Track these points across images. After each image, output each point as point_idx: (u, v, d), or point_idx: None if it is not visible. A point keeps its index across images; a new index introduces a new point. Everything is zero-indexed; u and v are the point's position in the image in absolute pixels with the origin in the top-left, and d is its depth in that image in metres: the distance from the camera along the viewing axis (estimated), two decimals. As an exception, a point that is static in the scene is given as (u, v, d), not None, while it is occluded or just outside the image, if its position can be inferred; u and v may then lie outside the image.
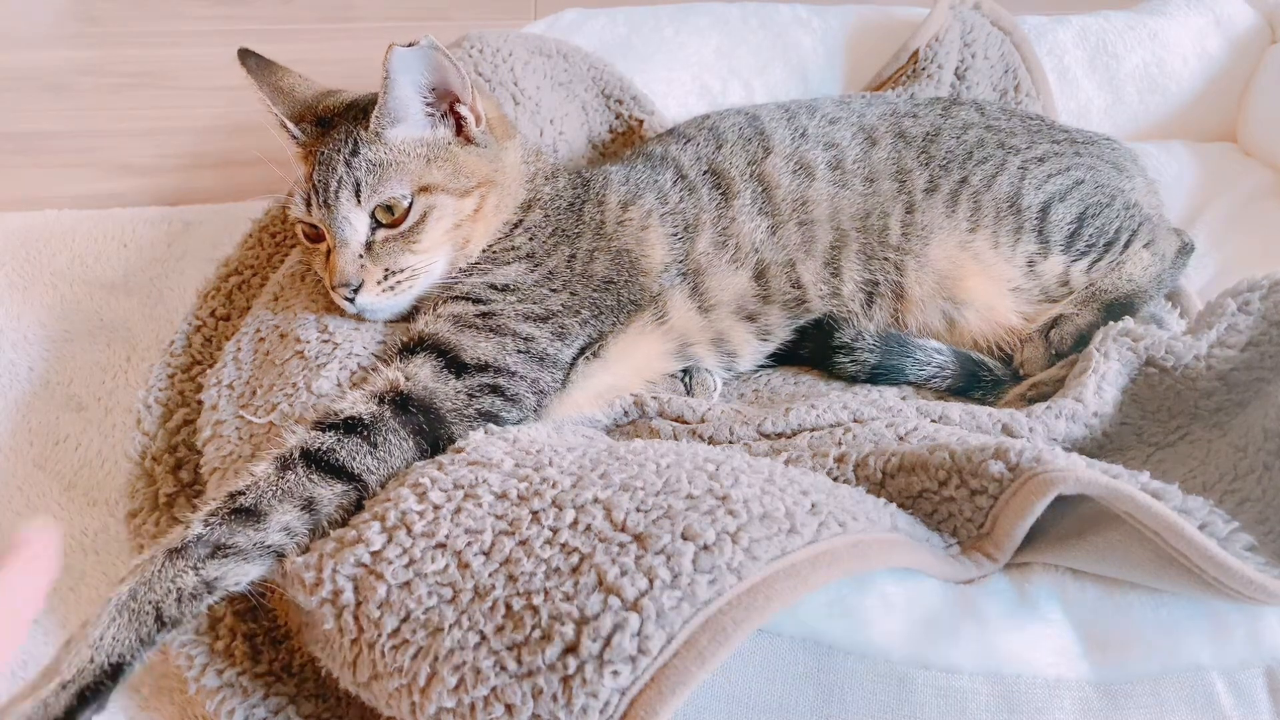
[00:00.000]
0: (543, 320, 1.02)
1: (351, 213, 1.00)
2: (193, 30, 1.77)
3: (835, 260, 1.18)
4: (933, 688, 0.70)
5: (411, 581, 0.71)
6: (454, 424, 0.91)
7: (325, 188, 1.00)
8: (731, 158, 1.20)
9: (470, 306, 1.01)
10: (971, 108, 1.29)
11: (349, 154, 1.00)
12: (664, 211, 1.15)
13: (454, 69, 1.01)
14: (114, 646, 0.73)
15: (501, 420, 0.94)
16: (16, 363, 1.30)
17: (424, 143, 1.03)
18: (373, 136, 1.01)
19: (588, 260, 1.09)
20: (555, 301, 1.04)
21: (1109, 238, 1.19)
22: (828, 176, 1.20)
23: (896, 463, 0.84)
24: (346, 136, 1.01)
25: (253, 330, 1.05)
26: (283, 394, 0.93)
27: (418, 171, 1.01)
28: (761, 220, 1.17)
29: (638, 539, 0.69)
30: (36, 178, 1.75)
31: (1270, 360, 0.93)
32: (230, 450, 0.90)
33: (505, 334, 0.99)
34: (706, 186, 1.18)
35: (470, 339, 0.97)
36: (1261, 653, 0.72)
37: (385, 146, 1.01)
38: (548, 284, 1.05)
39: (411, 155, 1.02)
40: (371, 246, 1.01)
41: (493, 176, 1.07)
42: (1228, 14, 1.73)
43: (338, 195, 0.99)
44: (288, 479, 0.82)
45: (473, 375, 0.94)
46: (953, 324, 1.19)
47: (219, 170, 1.77)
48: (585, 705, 0.63)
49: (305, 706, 0.84)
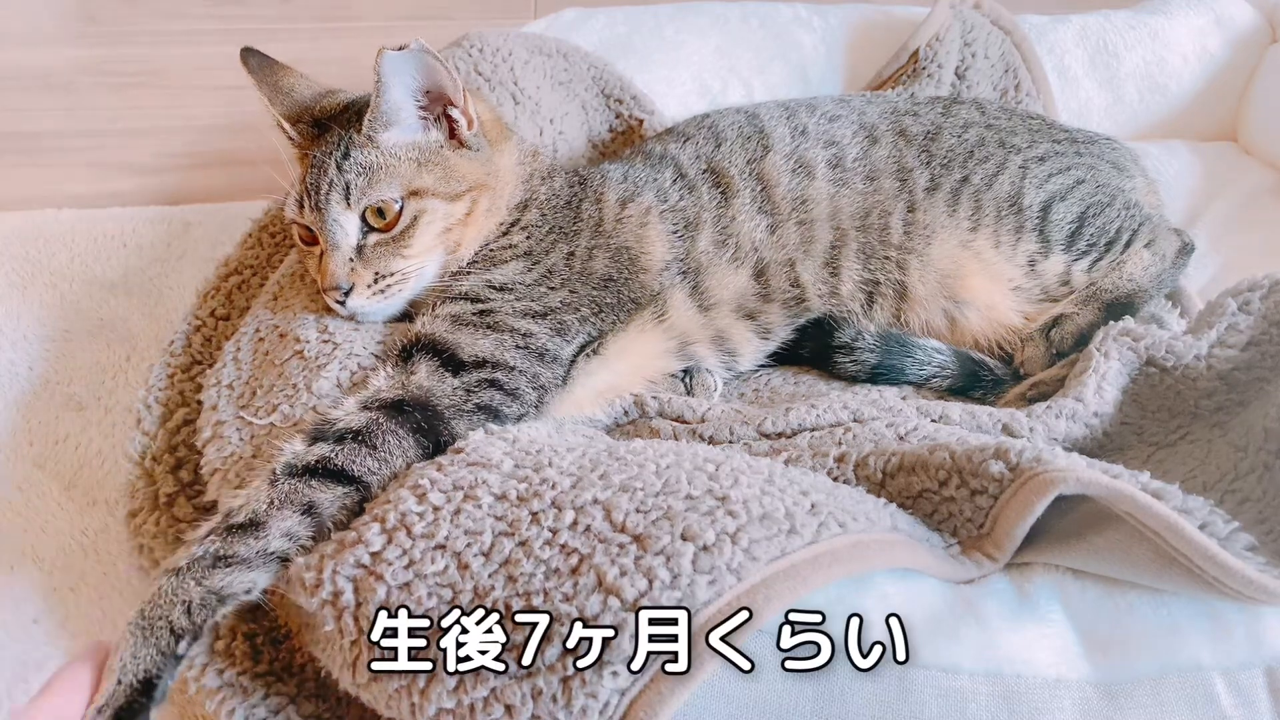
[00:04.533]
0: (541, 316, 1.02)
1: (342, 216, 1.00)
2: (193, 30, 1.77)
3: (835, 260, 1.18)
4: (933, 688, 0.70)
5: (411, 583, 0.71)
6: (454, 420, 0.90)
7: (317, 190, 1.00)
8: (731, 156, 1.20)
9: (468, 305, 1.01)
10: (972, 106, 1.29)
11: (340, 157, 1.00)
12: (663, 209, 1.15)
13: (445, 72, 1.01)
14: (137, 664, 0.74)
15: (502, 416, 0.94)
16: (16, 362, 1.30)
17: (415, 146, 1.03)
18: (365, 140, 1.01)
19: (587, 258, 1.09)
20: (554, 299, 1.04)
21: (1110, 237, 1.19)
22: (827, 175, 1.19)
23: (897, 463, 0.84)
24: (339, 139, 1.01)
25: (252, 330, 1.05)
26: (283, 395, 0.93)
27: (408, 175, 1.01)
28: (761, 219, 1.17)
29: (637, 540, 0.69)
30: (36, 178, 1.75)
31: (1271, 360, 0.93)
32: (231, 451, 0.90)
33: (503, 330, 0.98)
34: (706, 185, 1.18)
35: (468, 336, 0.97)
36: (1262, 653, 0.72)
37: (377, 150, 1.01)
38: (546, 282, 1.05)
39: (403, 159, 1.02)
40: (363, 250, 1.01)
41: (485, 180, 1.07)
42: (1228, 13, 1.73)
43: (328, 198, 1.00)
44: (284, 486, 0.81)
45: (470, 372, 0.94)
46: (954, 323, 1.19)
47: (219, 170, 1.77)
48: (585, 706, 0.63)
49: (305, 706, 0.84)
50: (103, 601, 0.99)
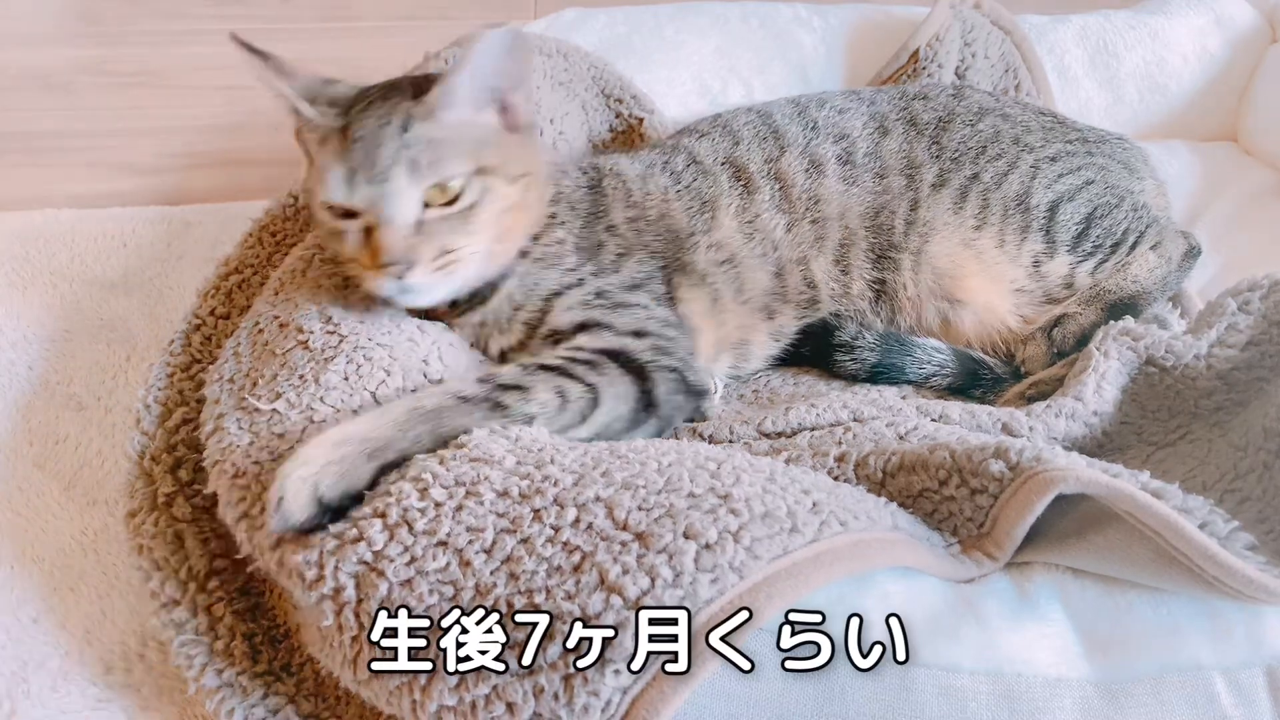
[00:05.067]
0: (636, 288, 1.08)
1: (407, 189, 0.95)
2: (193, 30, 1.77)
3: (845, 258, 1.19)
4: (933, 687, 0.70)
5: (413, 579, 0.71)
6: (653, 375, 0.99)
7: (373, 164, 0.95)
8: (750, 154, 1.21)
9: (577, 295, 1.05)
10: (984, 93, 1.29)
11: (400, 130, 0.96)
12: (678, 189, 1.18)
13: (527, 57, 1.01)
14: (415, 444, 0.83)
15: (681, 377, 1.02)
16: (16, 362, 1.30)
17: (476, 125, 1.01)
18: (427, 113, 0.97)
19: (628, 226, 1.13)
20: (632, 268, 1.09)
21: (1116, 239, 1.18)
22: (838, 173, 1.20)
23: (897, 462, 0.84)
24: (394, 113, 0.97)
25: (252, 324, 1.05)
26: (288, 384, 0.92)
27: (475, 152, 0.99)
28: (780, 218, 1.18)
29: (639, 537, 0.69)
30: (36, 178, 1.75)
31: (1271, 360, 0.93)
32: (229, 442, 0.89)
33: (621, 307, 1.05)
34: (726, 175, 1.20)
35: (608, 317, 1.03)
36: (1262, 652, 0.72)
37: (439, 125, 0.97)
38: (609, 258, 1.10)
39: (466, 136, 0.99)
40: (422, 225, 0.96)
41: (533, 168, 1.07)
42: (1228, 13, 1.73)
43: (389, 172, 0.95)
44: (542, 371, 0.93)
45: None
46: (948, 324, 1.19)
47: (219, 170, 1.77)
48: (587, 704, 0.63)
49: (304, 706, 0.84)
50: (103, 601, 0.99)
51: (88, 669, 0.91)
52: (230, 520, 0.85)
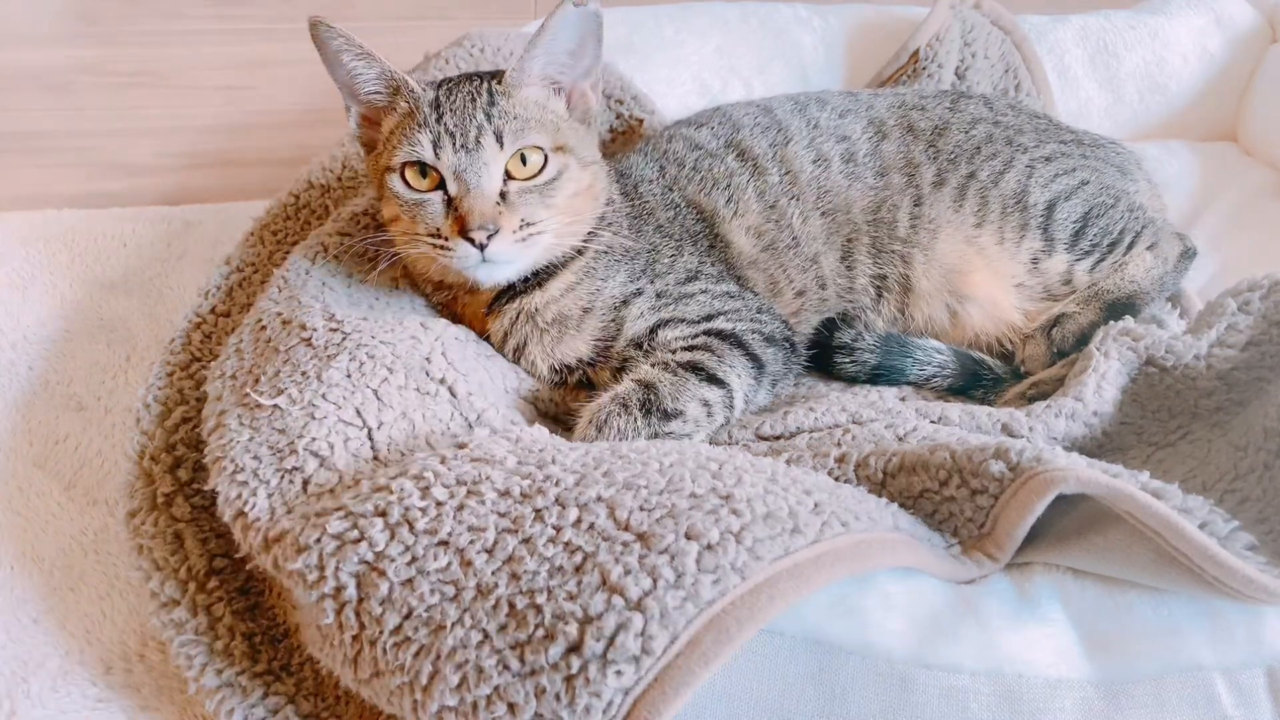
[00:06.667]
0: (693, 279, 1.12)
1: (494, 158, 1.00)
2: (193, 30, 1.77)
3: (850, 254, 1.20)
4: (934, 687, 0.70)
5: (414, 579, 0.71)
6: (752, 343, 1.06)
7: (463, 132, 0.99)
8: (754, 138, 1.23)
9: (643, 304, 1.08)
10: (979, 102, 1.30)
11: (486, 103, 1.01)
12: (688, 171, 1.21)
13: (599, 39, 1.03)
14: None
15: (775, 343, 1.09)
16: (16, 362, 1.30)
17: (548, 109, 1.05)
18: (508, 89, 1.02)
19: (671, 220, 1.16)
20: (684, 262, 1.13)
21: (1113, 238, 1.19)
22: (842, 169, 1.22)
23: (897, 463, 0.84)
24: (478, 88, 1.02)
25: (255, 321, 1.05)
26: (291, 380, 0.92)
27: (553, 130, 1.03)
28: (794, 205, 1.20)
29: (641, 538, 0.69)
30: (36, 178, 1.75)
31: (1270, 360, 0.93)
32: (229, 438, 0.89)
33: (685, 299, 1.10)
34: (732, 156, 1.22)
35: (678, 311, 1.08)
36: (1262, 652, 0.72)
37: (518, 102, 1.02)
38: (666, 254, 1.13)
39: (544, 117, 1.03)
40: (506, 196, 1.00)
41: (599, 159, 1.10)
42: (1228, 13, 1.73)
43: (479, 140, 0.99)
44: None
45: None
46: (956, 318, 1.19)
47: (219, 170, 1.77)
48: (588, 705, 0.63)
49: (304, 705, 0.84)
50: (103, 601, 0.99)
51: (88, 669, 0.91)
52: (229, 517, 0.85)
